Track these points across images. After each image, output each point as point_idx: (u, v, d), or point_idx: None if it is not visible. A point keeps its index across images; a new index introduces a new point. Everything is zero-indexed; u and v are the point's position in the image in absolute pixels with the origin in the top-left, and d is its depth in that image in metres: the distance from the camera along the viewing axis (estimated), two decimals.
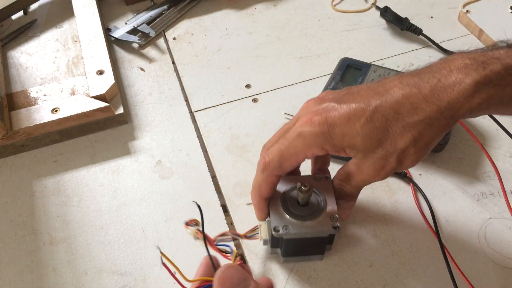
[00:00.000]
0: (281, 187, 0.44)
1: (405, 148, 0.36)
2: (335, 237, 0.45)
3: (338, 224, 0.42)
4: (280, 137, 0.40)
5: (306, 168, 0.53)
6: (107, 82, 0.59)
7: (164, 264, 0.30)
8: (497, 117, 0.51)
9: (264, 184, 0.41)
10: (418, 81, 0.35)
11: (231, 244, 0.40)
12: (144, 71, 0.66)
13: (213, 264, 0.31)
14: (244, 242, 0.47)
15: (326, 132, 0.37)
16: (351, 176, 0.40)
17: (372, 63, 0.58)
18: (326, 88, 0.56)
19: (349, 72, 0.57)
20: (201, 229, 0.36)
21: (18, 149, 0.56)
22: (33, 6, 0.75)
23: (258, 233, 0.43)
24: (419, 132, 0.35)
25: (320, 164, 0.45)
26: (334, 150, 0.38)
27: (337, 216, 0.42)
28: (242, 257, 0.44)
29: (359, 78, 0.56)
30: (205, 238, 0.33)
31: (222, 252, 0.39)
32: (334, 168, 0.44)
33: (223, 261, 0.39)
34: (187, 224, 0.37)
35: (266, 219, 0.43)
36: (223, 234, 0.42)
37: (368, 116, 0.35)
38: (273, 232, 0.40)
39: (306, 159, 0.40)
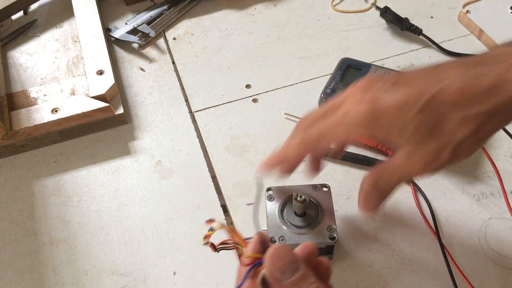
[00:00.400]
0: (279, 198, 0.44)
1: (462, 140, 0.33)
2: (334, 248, 0.45)
3: (335, 235, 0.42)
4: (323, 115, 0.37)
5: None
6: (107, 82, 0.59)
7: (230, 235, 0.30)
8: None
9: (293, 156, 0.39)
10: (480, 70, 0.32)
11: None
12: (144, 71, 0.66)
13: (264, 242, 0.31)
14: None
15: (374, 120, 0.33)
16: (395, 170, 0.35)
17: (372, 63, 0.58)
18: (326, 88, 0.56)
19: (349, 72, 0.57)
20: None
21: (18, 149, 0.56)
22: (33, 6, 0.75)
23: None
24: (480, 123, 0.32)
25: None
26: (377, 139, 0.35)
27: (334, 226, 0.43)
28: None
29: (359, 78, 0.56)
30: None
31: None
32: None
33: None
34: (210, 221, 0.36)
35: (264, 230, 0.43)
36: (224, 242, 0.42)
37: (422, 105, 0.32)
38: (270, 243, 0.40)
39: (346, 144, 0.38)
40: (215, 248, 0.35)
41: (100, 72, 0.60)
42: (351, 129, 0.35)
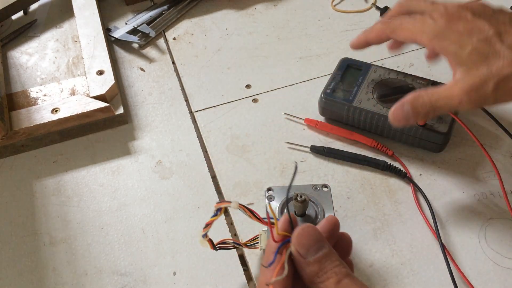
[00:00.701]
0: (279, 198, 0.44)
1: (508, 77, 0.38)
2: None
3: None
4: (410, 13, 0.45)
5: (306, 169, 0.53)
6: (107, 82, 0.59)
7: (267, 214, 0.31)
8: (497, 117, 0.51)
9: (373, 35, 0.48)
10: None
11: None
12: (144, 71, 0.66)
13: (292, 222, 0.32)
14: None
15: (443, 35, 0.41)
16: (436, 92, 0.42)
17: (372, 63, 0.58)
18: (326, 88, 0.56)
19: (349, 72, 0.57)
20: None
21: (18, 149, 0.56)
22: (33, 6, 0.75)
23: (258, 242, 0.42)
24: None
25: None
26: (436, 53, 0.45)
27: None
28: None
29: (359, 78, 0.56)
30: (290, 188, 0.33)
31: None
32: None
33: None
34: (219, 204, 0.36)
35: (263, 230, 0.42)
36: (223, 242, 0.42)
37: (486, 36, 0.39)
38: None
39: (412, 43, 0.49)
40: (213, 245, 0.35)
41: (100, 72, 0.60)
42: (422, 35, 0.42)
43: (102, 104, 0.56)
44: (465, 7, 0.42)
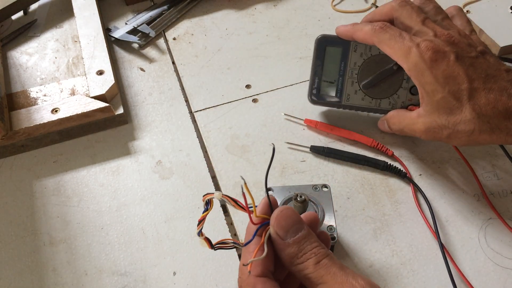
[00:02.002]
0: (279, 198, 0.44)
1: (461, 132, 0.43)
2: (334, 248, 0.45)
3: (335, 235, 0.42)
4: (399, 32, 0.46)
5: (306, 169, 0.53)
6: (107, 82, 0.59)
7: (243, 194, 0.31)
8: None
9: (359, 36, 0.50)
10: None
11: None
12: (144, 71, 0.66)
13: (271, 205, 0.32)
14: None
15: (421, 70, 0.44)
16: (405, 118, 0.49)
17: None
18: (311, 89, 0.55)
19: (329, 56, 0.54)
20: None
21: (18, 149, 0.56)
22: (33, 6, 0.75)
23: None
24: (479, 129, 0.42)
25: None
26: (413, 80, 0.46)
27: (334, 226, 0.43)
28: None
29: (341, 63, 0.53)
30: (267, 177, 0.33)
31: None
32: None
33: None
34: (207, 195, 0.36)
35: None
36: (222, 242, 0.41)
37: (465, 87, 0.43)
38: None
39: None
40: (211, 245, 0.35)
41: (100, 72, 0.60)
42: (404, 62, 0.45)
43: (102, 104, 0.56)
44: (453, 41, 0.45)
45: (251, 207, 0.33)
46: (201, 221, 0.34)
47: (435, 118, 0.45)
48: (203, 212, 0.33)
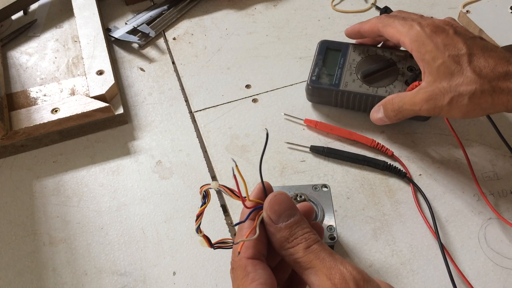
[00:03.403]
0: None
1: (462, 95, 0.43)
2: (334, 248, 0.45)
3: (335, 235, 0.42)
4: (402, 17, 0.51)
5: (306, 169, 0.53)
6: (107, 82, 0.59)
7: (234, 176, 0.31)
8: (495, 118, 0.51)
9: (365, 29, 0.54)
10: None
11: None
12: (144, 71, 0.66)
13: (265, 190, 0.32)
14: None
15: (422, 41, 0.46)
16: (403, 97, 0.48)
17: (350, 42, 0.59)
18: (311, 76, 0.57)
19: (330, 54, 0.58)
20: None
21: (18, 149, 0.56)
22: (33, 6, 0.75)
23: None
24: (481, 89, 0.42)
25: None
26: (413, 54, 0.48)
27: (334, 226, 0.43)
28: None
29: (341, 59, 0.57)
30: (261, 166, 0.33)
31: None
32: None
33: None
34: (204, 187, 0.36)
35: None
36: (223, 241, 0.41)
37: (462, 53, 0.44)
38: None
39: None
40: (210, 243, 0.35)
41: (100, 72, 0.60)
42: (405, 37, 0.48)
43: (102, 104, 0.56)
44: (451, 24, 0.47)
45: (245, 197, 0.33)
46: (199, 216, 0.34)
47: (437, 84, 0.45)
48: (201, 206, 0.33)
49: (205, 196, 0.34)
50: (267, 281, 0.29)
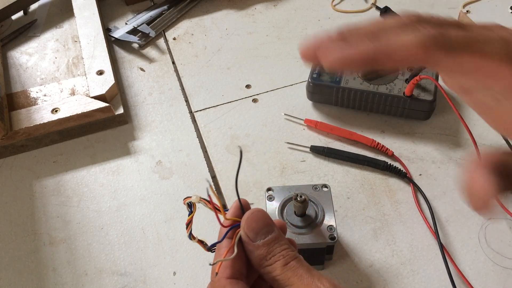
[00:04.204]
0: (279, 198, 0.44)
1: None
2: (334, 248, 0.45)
3: (335, 235, 0.42)
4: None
5: (306, 169, 0.53)
6: (107, 82, 0.59)
7: (209, 196, 0.31)
8: None
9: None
10: None
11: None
12: (144, 71, 0.66)
13: (242, 207, 0.32)
14: None
15: None
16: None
17: None
18: (312, 73, 0.57)
19: None
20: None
21: (18, 149, 0.56)
22: (33, 6, 0.75)
23: None
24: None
25: None
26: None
27: (334, 226, 0.42)
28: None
29: None
30: (237, 181, 0.33)
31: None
32: None
33: None
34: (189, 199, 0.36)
35: None
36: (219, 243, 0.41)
37: None
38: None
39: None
40: (206, 246, 0.35)
41: (100, 72, 0.60)
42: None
43: (102, 104, 0.56)
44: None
45: (226, 209, 0.33)
46: (189, 224, 0.34)
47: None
48: (188, 215, 0.34)
49: (191, 206, 0.34)
50: None
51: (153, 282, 0.46)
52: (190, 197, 0.33)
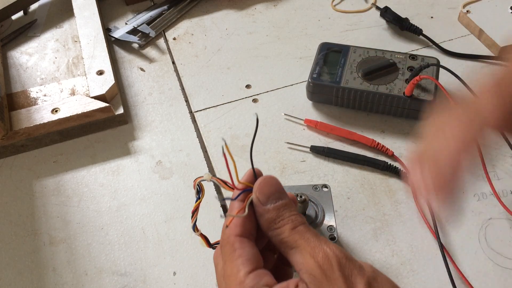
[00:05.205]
0: None
1: None
2: None
3: (335, 235, 0.42)
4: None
5: (306, 169, 0.53)
6: (107, 82, 0.59)
7: (224, 155, 0.32)
8: None
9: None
10: None
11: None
12: (144, 71, 0.66)
13: (255, 174, 0.33)
14: None
15: None
16: None
17: (351, 45, 0.60)
18: (312, 73, 0.57)
19: (330, 55, 0.59)
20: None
21: (18, 149, 0.56)
22: (33, 6, 0.75)
23: None
24: None
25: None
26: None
27: (334, 226, 0.42)
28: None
29: (341, 60, 0.58)
30: (251, 155, 0.34)
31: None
32: None
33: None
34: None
35: None
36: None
37: None
38: None
39: None
40: (208, 243, 0.35)
41: (100, 72, 0.60)
42: None
43: (102, 104, 0.56)
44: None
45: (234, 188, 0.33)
46: (195, 212, 0.34)
47: None
48: (196, 201, 0.34)
49: (199, 191, 0.34)
50: (253, 258, 0.30)
51: (153, 282, 0.46)
52: (201, 176, 0.33)
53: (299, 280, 0.28)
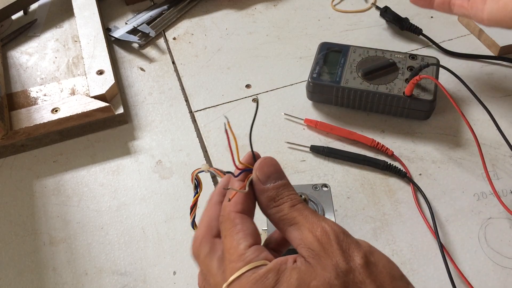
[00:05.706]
0: None
1: None
2: None
3: None
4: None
5: (306, 169, 0.53)
6: (107, 82, 0.59)
7: (226, 131, 0.33)
8: (497, 117, 0.51)
9: None
10: None
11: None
12: (144, 71, 0.66)
13: (254, 157, 0.34)
14: None
15: None
16: None
17: (350, 45, 0.60)
18: (312, 73, 0.57)
19: (330, 55, 0.59)
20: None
21: (18, 149, 0.56)
22: (33, 6, 0.75)
23: None
24: None
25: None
26: None
27: None
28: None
29: (341, 59, 0.58)
30: (251, 139, 0.34)
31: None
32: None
33: None
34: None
35: (263, 229, 0.43)
36: None
37: None
38: None
39: None
40: None
41: (100, 72, 0.60)
42: None
43: (102, 104, 0.56)
44: None
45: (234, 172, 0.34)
46: (193, 207, 0.34)
47: None
48: (194, 196, 0.34)
49: (197, 186, 0.34)
50: (253, 233, 0.30)
51: (153, 282, 0.46)
52: (199, 168, 0.34)
53: (298, 256, 0.28)
